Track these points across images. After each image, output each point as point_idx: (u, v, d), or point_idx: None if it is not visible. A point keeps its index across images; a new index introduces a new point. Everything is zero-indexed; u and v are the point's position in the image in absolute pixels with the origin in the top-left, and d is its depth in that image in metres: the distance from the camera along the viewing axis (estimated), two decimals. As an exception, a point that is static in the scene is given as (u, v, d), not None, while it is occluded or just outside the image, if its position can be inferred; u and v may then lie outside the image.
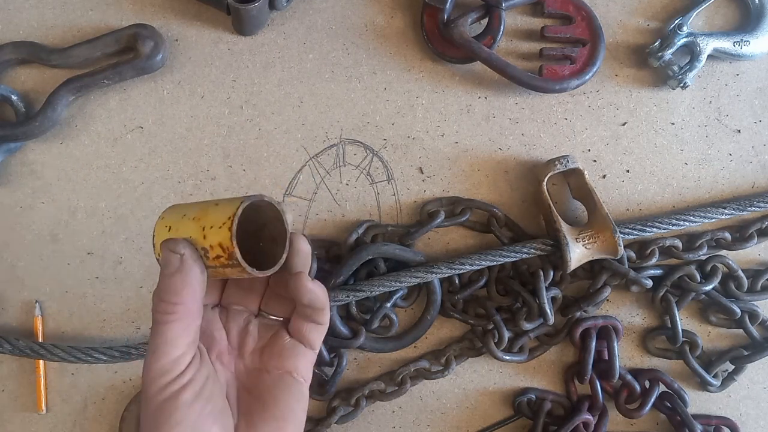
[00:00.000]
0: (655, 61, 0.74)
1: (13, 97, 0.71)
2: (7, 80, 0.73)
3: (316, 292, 0.50)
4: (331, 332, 0.73)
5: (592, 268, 0.75)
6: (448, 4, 0.72)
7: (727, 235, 0.76)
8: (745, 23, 0.77)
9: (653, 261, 0.74)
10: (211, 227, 0.46)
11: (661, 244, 0.75)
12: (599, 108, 0.77)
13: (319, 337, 0.53)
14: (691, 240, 0.76)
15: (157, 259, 0.49)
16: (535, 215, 0.76)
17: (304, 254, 0.51)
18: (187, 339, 0.47)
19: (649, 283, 0.73)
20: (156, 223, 0.49)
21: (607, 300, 0.76)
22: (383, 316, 0.74)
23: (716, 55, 0.75)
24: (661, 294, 0.75)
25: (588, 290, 0.75)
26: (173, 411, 0.46)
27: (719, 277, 0.75)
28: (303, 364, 0.53)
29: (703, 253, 0.75)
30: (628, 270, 0.73)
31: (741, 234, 0.76)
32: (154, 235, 0.49)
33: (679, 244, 0.75)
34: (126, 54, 0.72)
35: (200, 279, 0.47)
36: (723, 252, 0.76)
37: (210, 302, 0.54)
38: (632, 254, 0.74)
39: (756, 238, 0.76)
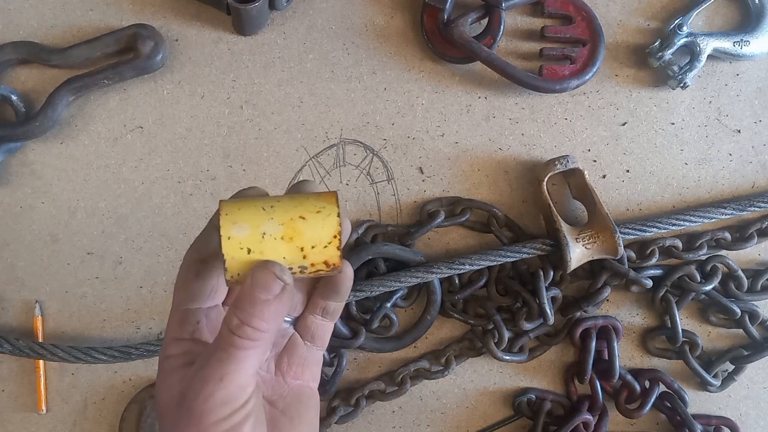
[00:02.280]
0: (655, 61, 0.74)
1: (13, 97, 0.71)
2: (7, 80, 0.73)
3: (351, 282, 0.48)
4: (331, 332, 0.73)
5: (592, 268, 0.75)
6: (448, 4, 0.72)
7: (727, 235, 0.76)
8: (745, 23, 0.77)
9: (653, 261, 0.74)
10: (313, 247, 0.43)
11: (661, 244, 0.75)
12: (599, 108, 0.77)
13: (330, 333, 0.52)
14: (691, 240, 0.76)
15: (230, 280, 0.44)
16: (535, 215, 0.76)
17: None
18: (257, 367, 0.43)
19: (649, 283, 0.73)
20: (222, 244, 0.42)
21: (607, 300, 0.76)
22: (383, 316, 0.74)
23: (716, 55, 0.75)
24: (661, 294, 0.75)
25: (588, 290, 0.75)
26: None
27: (719, 277, 0.75)
28: (318, 371, 0.51)
29: (703, 253, 0.75)
30: (628, 270, 0.73)
31: (741, 234, 0.76)
32: (224, 259, 0.43)
33: (679, 244, 0.75)
34: (126, 54, 0.72)
35: (285, 312, 0.44)
36: (723, 252, 0.76)
37: (218, 302, 0.49)
38: (632, 254, 0.74)
39: (756, 238, 0.76)
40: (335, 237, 0.43)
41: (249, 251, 0.43)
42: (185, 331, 0.46)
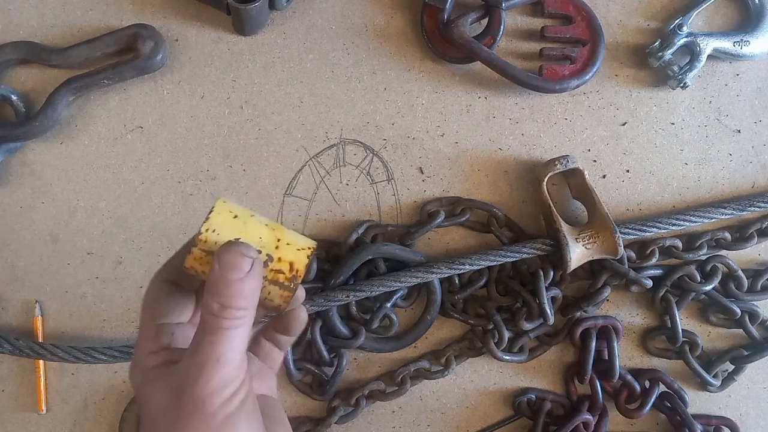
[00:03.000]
0: (655, 61, 0.74)
1: (13, 97, 0.71)
2: (7, 80, 0.73)
3: (305, 324, 0.51)
4: (331, 332, 0.73)
5: (592, 268, 0.75)
6: (448, 4, 0.72)
7: (727, 235, 0.76)
8: (745, 23, 0.77)
9: (653, 261, 0.74)
10: (288, 244, 0.47)
11: (661, 244, 0.75)
12: (599, 108, 0.77)
13: (280, 361, 0.54)
14: (691, 240, 0.76)
15: (200, 234, 0.46)
16: (535, 215, 0.76)
17: (302, 292, 0.52)
18: (246, 345, 0.44)
19: (649, 283, 0.73)
20: (216, 203, 0.46)
21: (607, 300, 0.76)
22: (383, 316, 0.74)
23: (716, 55, 0.75)
24: (661, 294, 0.75)
25: (588, 290, 0.75)
26: (243, 422, 0.42)
27: (719, 277, 0.75)
28: (274, 384, 0.53)
29: (703, 253, 0.75)
30: (628, 270, 0.73)
31: (741, 234, 0.76)
32: (210, 213, 0.46)
33: (679, 244, 0.75)
34: (126, 54, 0.72)
35: (260, 285, 0.45)
36: (723, 252, 0.76)
37: (186, 320, 0.50)
38: (632, 254, 0.74)
39: (756, 238, 0.76)
40: (309, 248, 0.47)
41: (235, 216, 0.46)
42: (161, 343, 0.47)
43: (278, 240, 0.47)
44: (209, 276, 0.44)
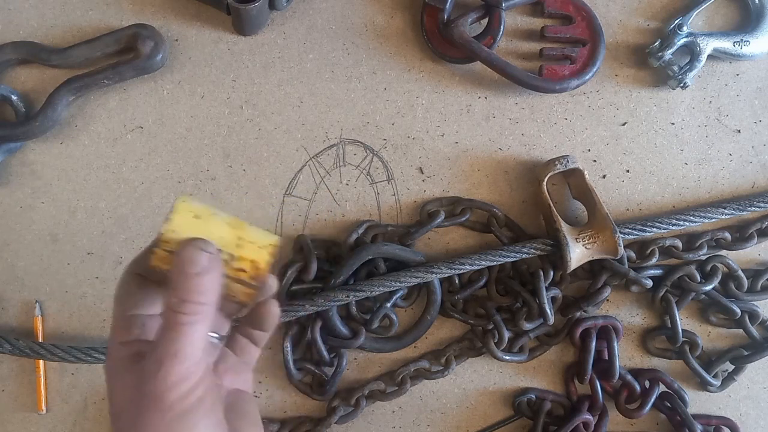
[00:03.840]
0: (655, 61, 0.74)
1: (13, 97, 0.71)
2: (7, 80, 0.73)
3: (278, 318, 0.51)
4: (331, 332, 0.73)
5: (592, 268, 0.75)
6: (448, 4, 0.72)
7: (727, 235, 0.76)
8: (745, 23, 0.77)
9: (653, 261, 0.74)
10: (251, 242, 0.47)
11: (661, 244, 0.75)
12: (599, 108, 0.77)
13: (256, 356, 0.54)
14: (691, 240, 0.76)
15: (162, 234, 0.46)
16: (535, 215, 0.76)
17: (274, 285, 0.52)
18: (205, 342, 0.45)
19: (649, 283, 0.73)
20: (176, 203, 0.47)
21: (607, 300, 0.76)
22: (383, 316, 0.74)
23: (716, 55, 0.75)
24: (661, 294, 0.75)
25: (588, 290, 0.75)
26: (200, 418, 0.43)
27: (719, 277, 0.75)
28: (250, 378, 0.54)
29: (703, 253, 0.75)
30: (628, 270, 0.73)
31: (741, 234, 0.76)
32: (171, 214, 0.47)
33: (679, 244, 0.75)
34: (126, 54, 0.72)
35: (220, 281, 0.46)
36: (723, 252, 0.76)
37: (156, 312, 0.51)
38: (632, 254, 0.74)
39: (756, 238, 0.76)
40: (271, 245, 0.47)
41: (196, 216, 0.47)
42: (132, 334, 0.48)
43: (239, 238, 0.47)
44: (170, 272, 0.45)
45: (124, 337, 0.48)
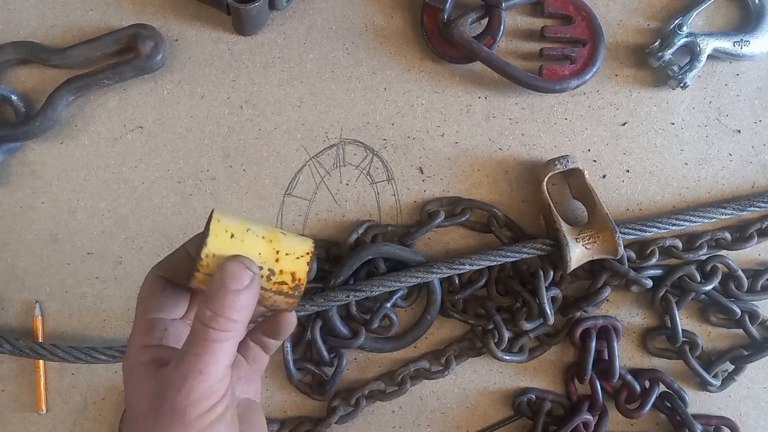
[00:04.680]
0: (655, 61, 0.74)
1: (13, 97, 0.71)
2: (7, 80, 0.73)
3: (294, 327, 0.51)
4: (331, 332, 0.73)
5: (592, 268, 0.75)
6: (448, 4, 0.72)
7: (727, 235, 0.76)
8: (745, 23, 0.77)
9: (653, 261, 0.74)
10: (287, 254, 0.47)
11: (661, 244, 0.75)
12: (599, 108, 0.77)
13: (266, 363, 0.55)
14: (691, 240, 0.76)
15: (201, 260, 0.46)
16: (535, 215, 0.76)
17: None
18: (231, 359, 0.45)
19: (649, 283, 0.73)
20: (211, 224, 0.46)
21: (607, 300, 0.76)
22: (383, 316, 0.74)
23: (716, 55, 0.75)
24: (661, 294, 0.75)
25: (588, 290, 0.75)
26: None
27: (719, 277, 0.75)
28: (259, 387, 0.54)
29: (703, 253, 0.75)
30: (628, 270, 0.73)
31: (741, 234, 0.76)
32: (208, 234, 0.46)
33: (679, 244, 0.75)
34: (126, 54, 0.72)
35: (255, 302, 0.46)
36: (723, 252, 0.76)
37: (180, 315, 0.52)
38: (632, 254, 0.74)
39: (756, 238, 0.76)
40: (308, 254, 0.48)
41: (232, 236, 0.46)
42: (153, 338, 0.48)
43: (277, 252, 0.47)
44: (208, 285, 0.45)
45: (145, 340, 0.48)
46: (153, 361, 0.46)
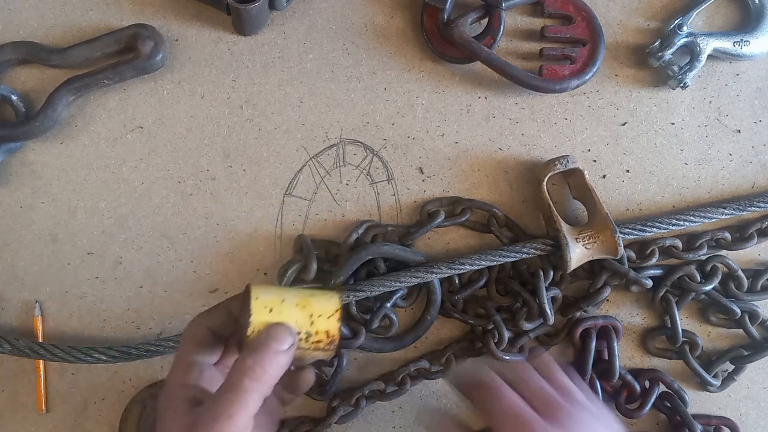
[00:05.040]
0: (655, 61, 0.74)
1: (13, 97, 0.71)
2: (7, 80, 0.73)
3: (312, 384, 0.58)
4: (331, 332, 0.73)
5: (592, 268, 0.75)
6: (448, 4, 0.72)
7: (727, 235, 0.76)
8: (745, 23, 0.77)
9: (653, 261, 0.74)
10: (320, 316, 0.54)
11: (661, 244, 0.75)
12: (599, 108, 0.77)
13: (279, 415, 0.59)
14: (691, 240, 0.76)
15: (247, 336, 0.52)
16: (535, 215, 0.76)
17: None
18: (257, 410, 0.50)
19: (649, 283, 0.73)
20: (251, 303, 0.53)
21: (607, 300, 0.76)
22: (383, 316, 0.74)
23: (716, 55, 0.75)
24: (661, 294, 0.75)
25: (588, 290, 0.75)
26: None
27: (719, 277, 0.75)
28: None
29: (703, 253, 0.75)
30: (628, 270, 0.73)
31: (741, 234, 0.76)
32: (250, 313, 0.52)
33: (679, 244, 0.75)
34: (126, 54, 0.72)
35: (286, 368, 0.52)
36: (723, 252, 0.76)
37: (214, 361, 0.57)
38: (632, 254, 0.74)
39: (756, 238, 0.76)
40: (337, 311, 0.55)
41: (270, 310, 0.53)
42: (191, 378, 0.54)
43: (311, 316, 0.54)
44: (251, 343, 0.51)
45: (185, 379, 0.53)
46: (190, 398, 0.51)
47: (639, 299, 0.77)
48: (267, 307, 0.53)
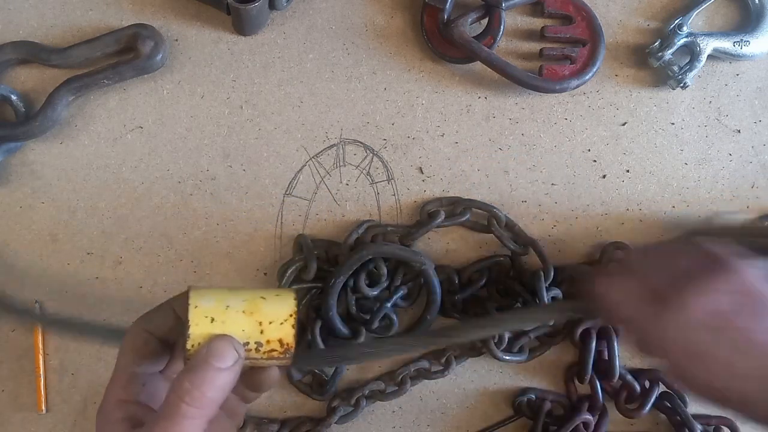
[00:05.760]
0: (655, 61, 0.74)
1: (13, 97, 0.71)
2: (7, 80, 0.73)
3: (276, 382, 0.51)
4: (331, 332, 0.73)
5: (592, 268, 0.75)
6: (448, 4, 0.72)
7: (727, 235, 0.76)
8: (745, 23, 0.77)
9: (653, 261, 0.74)
10: (270, 323, 0.47)
11: (661, 244, 0.75)
12: (599, 108, 0.77)
13: (243, 415, 0.54)
14: (691, 240, 0.76)
15: (188, 351, 0.47)
16: (535, 215, 0.76)
17: None
18: None
19: (649, 283, 0.73)
20: (189, 312, 0.47)
21: (607, 300, 0.76)
22: (383, 316, 0.74)
23: (716, 55, 0.75)
24: (661, 294, 0.75)
25: (588, 290, 0.75)
26: None
27: (719, 277, 0.75)
28: None
29: (703, 253, 0.75)
30: (628, 270, 0.72)
31: (741, 234, 0.76)
32: (188, 324, 0.46)
33: (679, 244, 0.75)
34: (126, 54, 0.72)
35: (233, 384, 0.46)
36: (723, 252, 0.76)
37: (159, 369, 0.52)
38: (632, 254, 0.74)
39: (756, 238, 0.76)
40: (291, 316, 0.48)
41: (212, 320, 0.47)
42: (130, 393, 0.48)
43: (260, 324, 0.47)
44: (192, 358, 0.45)
45: (122, 394, 0.48)
46: (129, 418, 0.47)
47: (639, 299, 0.77)
48: (208, 316, 0.47)
